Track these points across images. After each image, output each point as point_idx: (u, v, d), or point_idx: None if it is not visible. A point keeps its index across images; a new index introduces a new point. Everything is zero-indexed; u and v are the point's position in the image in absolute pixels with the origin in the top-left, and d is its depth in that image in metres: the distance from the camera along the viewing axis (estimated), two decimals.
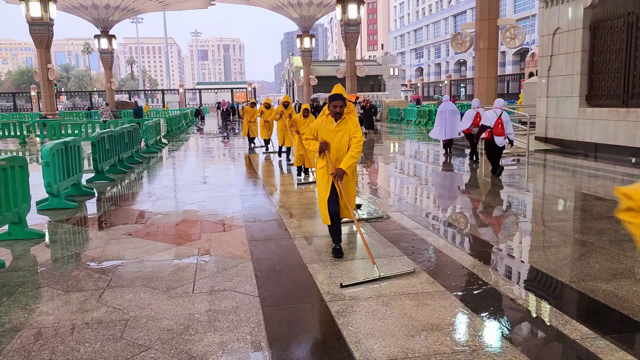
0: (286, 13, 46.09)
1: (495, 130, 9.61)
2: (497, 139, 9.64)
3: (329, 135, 4.93)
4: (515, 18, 47.77)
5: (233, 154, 15.86)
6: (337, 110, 4.82)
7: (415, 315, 3.63)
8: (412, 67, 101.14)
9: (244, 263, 4.90)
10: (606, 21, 12.46)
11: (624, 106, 11.95)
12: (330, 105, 4.88)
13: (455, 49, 20.82)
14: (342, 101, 4.82)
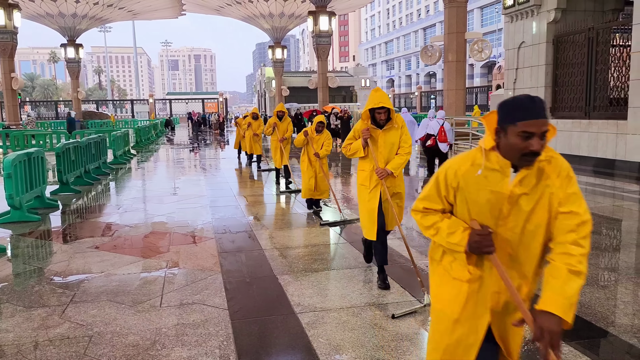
0: (258, 24, 46.16)
1: (439, 138, 10.87)
2: (440, 145, 10.88)
3: None
4: (482, 32, 49.01)
5: (204, 165, 15.70)
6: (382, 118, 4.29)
7: (385, 326, 3.64)
8: (383, 79, 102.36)
9: (214, 275, 4.83)
10: (568, 36, 12.88)
11: (586, 118, 12.33)
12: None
13: (425, 61, 21.18)
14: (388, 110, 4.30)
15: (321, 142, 7.39)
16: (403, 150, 4.37)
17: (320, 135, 7.46)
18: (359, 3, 49.44)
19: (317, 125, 7.47)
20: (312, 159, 7.43)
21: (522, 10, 13.99)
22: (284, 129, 10.12)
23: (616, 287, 4.41)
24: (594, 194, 9.03)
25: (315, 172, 7.47)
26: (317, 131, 7.46)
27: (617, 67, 11.77)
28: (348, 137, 4.59)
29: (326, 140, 7.39)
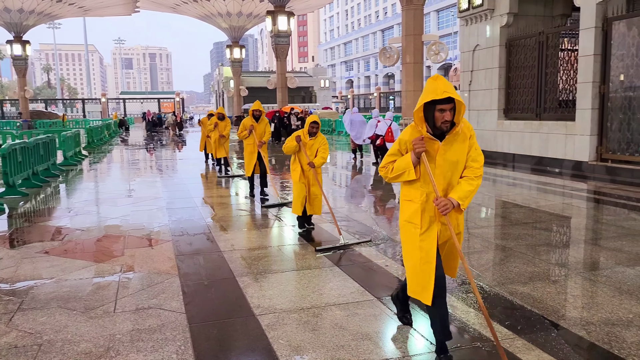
0: (215, 23, 45.60)
1: (387, 138, 11.60)
2: (388, 144, 11.58)
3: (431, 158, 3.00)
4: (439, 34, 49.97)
5: (160, 166, 15.36)
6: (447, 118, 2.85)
7: (346, 326, 3.64)
8: (342, 79, 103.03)
9: (171, 279, 4.72)
10: (520, 40, 13.29)
11: (537, 119, 12.76)
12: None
13: (384, 62, 21.39)
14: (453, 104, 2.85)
15: (315, 149, 6.19)
16: (472, 173, 3.01)
17: (314, 140, 6.19)
18: (318, 4, 49.58)
19: (310, 126, 6.14)
20: (306, 169, 6.26)
21: (477, 14, 14.36)
22: (261, 132, 8.76)
23: (566, 281, 4.57)
24: (545, 192, 9.35)
25: (308, 184, 6.34)
26: (310, 134, 6.18)
27: (566, 71, 12.23)
28: (389, 153, 3.12)
29: (321, 145, 6.20)
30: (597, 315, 3.74)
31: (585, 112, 11.02)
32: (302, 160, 6.26)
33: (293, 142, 6.18)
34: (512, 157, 13.47)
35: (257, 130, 8.76)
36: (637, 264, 4.98)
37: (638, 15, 9.98)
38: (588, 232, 6.53)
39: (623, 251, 5.37)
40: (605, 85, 10.68)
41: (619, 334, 3.43)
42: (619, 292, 4.18)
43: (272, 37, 33.28)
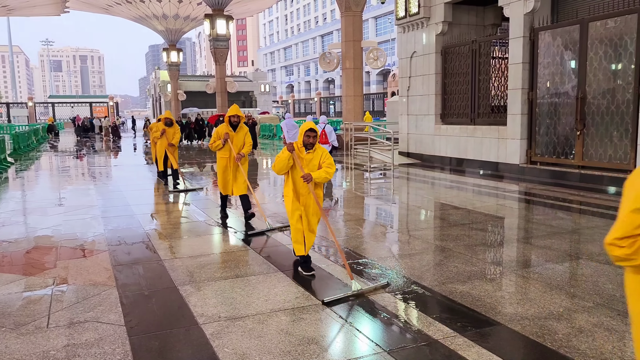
0: (150, 25, 44.40)
1: (321, 140, 12.32)
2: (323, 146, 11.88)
3: None
4: (378, 41, 51.08)
5: (93, 173, 14.74)
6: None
7: (291, 331, 3.63)
8: (282, 84, 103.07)
9: (108, 290, 4.53)
10: (454, 47, 13.81)
11: (472, 124, 13.29)
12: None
13: (324, 67, 21.62)
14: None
15: (315, 165, 4.86)
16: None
17: (313, 154, 4.88)
18: (257, 8, 49.39)
19: (306, 136, 4.82)
20: (301, 189, 4.91)
21: (413, 22, 14.79)
22: (239, 143, 7.23)
23: (501, 279, 4.77)
24: (480, 194, 9.74)
25: (304, 206, 4.92)
26: (306, 147, 4.86)
27: (497, 78, 12.82)
28: None
29: (325, 160, 4.88)
30: (531, 310, 3.93)
31: (516, 117, 11.60)
32: (296, 180, 4.90)
33: (284, 154, 4.78)
34: (449, 161, 13.94)
35: (233, 141, 7.33)
36: (565, 260, 5.28)
37: (561, 26, 10.63)
38: (520, 232, 6.86)
39: (552, 249, 5.68)
40: (533, 92, 11.28)
41: (550, 327, 3.62)
42: (549, 288, 4.41)
43: (211, 40, 32.81)
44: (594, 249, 5.64)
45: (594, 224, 6.94)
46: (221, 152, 7.32)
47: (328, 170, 4.78)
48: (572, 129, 10.43)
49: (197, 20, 43.66)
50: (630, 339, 3.43)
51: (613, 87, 9.66)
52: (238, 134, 7.35)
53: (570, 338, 3.43)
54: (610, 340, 3.40)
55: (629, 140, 9.39)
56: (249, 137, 7.48)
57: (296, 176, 4.87)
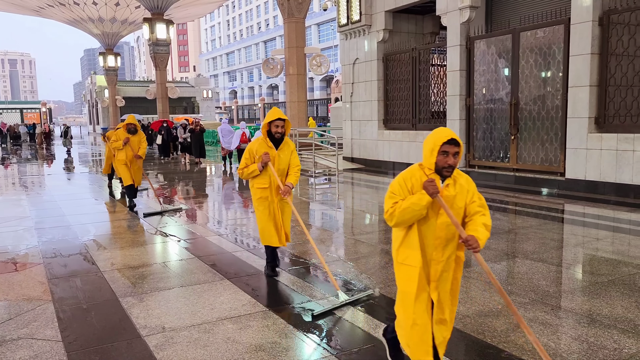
0: (86, 29, 42.81)
1: (242, 140, 14.35)
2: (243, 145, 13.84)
3: None
4: (320, 47, 51.58)
5: (25, 182, 14.00)
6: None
7: (238, 339, 3.58)
8: (226, 90, 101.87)
9: (43, 305, 4.31)
10: (395, 54, 14.15)
11: (414, 129, 13.64)
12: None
13: (267, 73, 21.58)
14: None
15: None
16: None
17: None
18: (198, 13, 48.69)
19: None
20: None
21: (355, 29, 15.03)
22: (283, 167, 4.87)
23: None
24: None
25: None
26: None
27: (437, 84, 13.24)
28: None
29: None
30: (472, 308, 4.07)
31: (455, 122, 12.01)
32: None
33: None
34: (392, 165, 14.24)
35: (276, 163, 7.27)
36: (502, 259, 5.51)
37: (495, 35, 11.12)
38: None
39: (490, 248, 5.91)
40: (471, 98, 11.73)
41: (490, 323, 3.76)
42: (488, 286, 4.59)
43: (150, 45, 32.03)
44: (529, 247, 5.92)
45: (529, 224, 7.29)
46: (259, 180, 4.83)
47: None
48: (507, 133, 10.92)
49: (136, 24, 42.51)
50: (564, 332, 3.63)
51: (543, 93, 10.20)
52: (282, 152, 4.82)
53: (509, 333, 3.58)
54: (545, 333, 3.58)
55: (558, 144, 9.93)
56: (295, 158, 5.04)
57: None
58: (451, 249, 2.73)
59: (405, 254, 2.74)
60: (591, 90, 9.16)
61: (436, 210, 2.65)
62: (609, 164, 8.99)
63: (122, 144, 8.68)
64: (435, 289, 2.69)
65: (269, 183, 4.82)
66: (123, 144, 8.68)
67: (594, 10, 8.97)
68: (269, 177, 4.79)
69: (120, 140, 8.86)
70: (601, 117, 9.17)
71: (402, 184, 2.71)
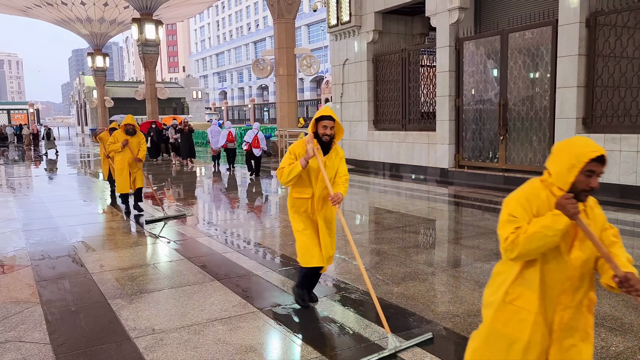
0: (74, 29, 42.46)
1: (253, 145, 13.48)
2: (254, 150, 13.49)
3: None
4: (310, 48, 51.55)
5: (13, 184, 13.86)
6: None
7: (229, 340, 3.57)
8: (215, 90, 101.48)
9: (31, 307, 4.27)
10: (385, 55, 14.19)
11: (403, 129, 13.69)
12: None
13: (257, 74, 21.55)
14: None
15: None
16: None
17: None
18: (187, 13, 48.50)
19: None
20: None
21: (345, 30, 15.05)
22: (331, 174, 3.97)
23: (434, 279, 4.94)
24: (412, 197, 10.04)
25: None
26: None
27: (426, 85, 13.29)
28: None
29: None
30: (461, 307, 4.10)
31: (444, 123, 12.07)
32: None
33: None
34: (382, 166, 14.27)
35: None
36: (492, 259, 5.54)
37: (484, 36, 11.20)
38: (450, 233, 7.14)
39: (480, 248, 5.95)
40: (460, 99, 11.80)
41: (479, 323, 3.78)
42: (478, 286, 4.62)
43: (139, 45, 31.85)
44: None
45: None
46: (299, 190, 4.00)
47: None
48: (496, 134, 11.00)
49: (125, 24, 42.23)
50: None
51: (532, 94, 10.28)
52: (329, 159, 3.94)
53: None
54: None
55: (546, 144, 10.01)
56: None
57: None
58: (583, 292, 2.09)
59: (518, 292, 2.10)
60: (579, 91, 9.25)
61: (568, 242, 2.03)
62: None
63: (121, 146, 8.16)
64: (559, 342, 2.08)
65: (310, 193, 3.97)
66: (122, 146, 8.15)
67: (581, 11, 9.07)
68: (310, 186, 3.96)
69: (118, 142, 8.23)
70: (588, 118, 9.27)
71: (526, 206, 2.06)
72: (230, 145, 15.47)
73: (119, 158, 8.33)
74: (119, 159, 8.34)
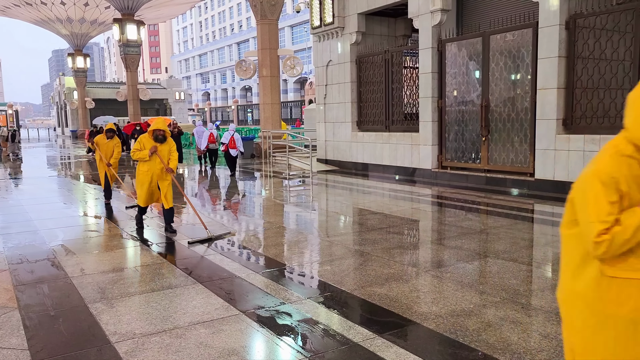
0: (54, 29, 41.87)
1: (230, 145, 14.02)
2: (231, 151, 14.10)
3: None
4: (294, 49, 51.49)
5: None
6: None
7: (211, 343, 3.54)
8: (198, 91, 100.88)
9: (9, 313, 4.18)
10: (368, 57, 14.23)
11: (387, 131, 13.74)
12: None
13: (240, 75, 21.46)
14: None
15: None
16: None
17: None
18: (170, 14, 48.12)
19: None
20: None
21: (328, 31, 15.07)
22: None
23: (417, 280, 4.95)
24: (396, 198, 10.08)
25: None
26: None
27: (409, 86, 13.35)
28: None
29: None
30: (444, 308, 4.11)
31: (427, 124, 12.14)
32: None
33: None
34: (366, 167, 14.31)
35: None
36: (474, 259, 5.58)
37: (466, 38, 11.29)
38: (433, 233, 7.17)
39: (463, 249, 5.99)
40: (442, 100, 11.88)
41: (462, 323, 3.81)
42: (461, 286, 4.64)
43: (121, 46, 31.53)
44: (500, 247, 6.01)
45: (500, 224, 7.41)
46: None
47: None
48: (478, 135, 11.09)
49: (106, 24, 41.77)
50: (534, 329, 3.69)
51: (513, 95, 10.40)
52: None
53: (480, 332, 3.63)
54: (516, 331, 3.64)
55: (528, 145, 10.13)
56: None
57: None
58: None
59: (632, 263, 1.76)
60: (559, 92, 9.38)
61: None
62: (576, 164, 9.21)
63: (149, 153, 6.88)
64: None
65: None
66: (150, 153, 6.87)
67: (561, 14, 9.20)
68: None
69: (145, 149, 6.92)
70: (569, 119, 9.40)
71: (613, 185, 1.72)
72: (212, 146, 15.91)
73: (145, 168, 7.04)
74: (144, 170, 7.05)
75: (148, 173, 7.01)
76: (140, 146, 6.94)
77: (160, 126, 6.91)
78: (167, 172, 6.98)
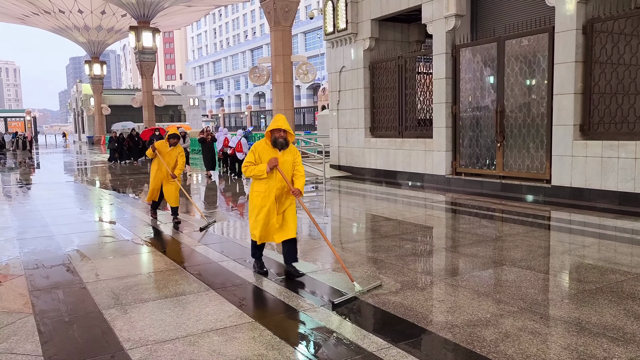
0: (71, 37, 42.50)
1: (237, 149, 15.26)
2: (238, 154, 15.24)
3: None
4: (307, 55, 51.69)
5: (8, 192, 13.77)
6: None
7: (224, 351, 3.51)
8: (212, 98, 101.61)
9: (24, 318, 4.20)
10: (382, 63, 14.20)
11: (400, 137, 13.67)
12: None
13: (254, 81, 21.53)
14: None
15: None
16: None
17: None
18: (184, 21, 48.60)
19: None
20: None
21: (341, 37, 15.07)
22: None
23: (432, 288, 4.89)
24: (409, 205, 10.00)
25: None
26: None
27: (423, 92, 13.30)
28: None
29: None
30: (460, 317, 4.04)
31: (441, 130, 12.05)
32: None
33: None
34: (380, 173, 14.24)
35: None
36: (490, 267, 5.50)
37: (480, 43, 11.21)
38: (448, 240, 7.09)
39: (478, 256, 5.90)
40: (457, 106, 11.79)
41: (479, 333, 3.73)
42: (477, 295, 4.57)
43: (137, 53, 31.89)
44: (516, 255, 5.92)
45: (516, 231, 7.30)
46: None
47: None
48: (493, 141, 10.98)
49: (122, 32, 42.31)
50: (553, 340, 3.61)
51: (529, 101, 10.28)
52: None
53: (498, 343, 3.55)
54: (535, 343, 3.55)
55: (544, 151, 10.00)
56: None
57: None
58: None
59: None
60: (576, 97, 9.25)
61: None
62: (594, 170, 9.06)
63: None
64: None
65: None
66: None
67: (578, 18, 9.09)
68: None
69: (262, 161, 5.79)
70: (586, 125, 9.26)
71: None
72: (226, 149, 16.51)
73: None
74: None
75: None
76: (253, 158, 5.20)
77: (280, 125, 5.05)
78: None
